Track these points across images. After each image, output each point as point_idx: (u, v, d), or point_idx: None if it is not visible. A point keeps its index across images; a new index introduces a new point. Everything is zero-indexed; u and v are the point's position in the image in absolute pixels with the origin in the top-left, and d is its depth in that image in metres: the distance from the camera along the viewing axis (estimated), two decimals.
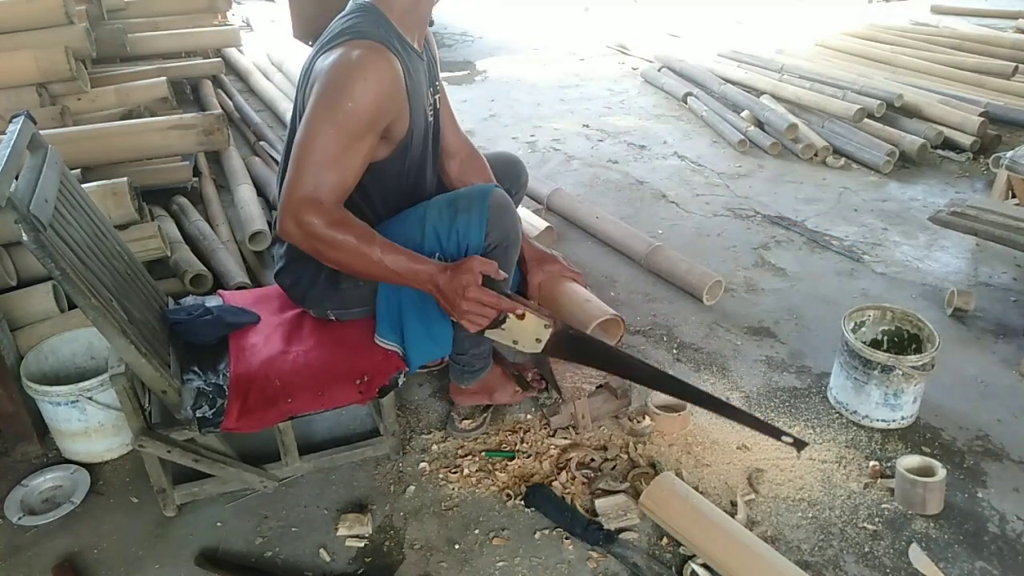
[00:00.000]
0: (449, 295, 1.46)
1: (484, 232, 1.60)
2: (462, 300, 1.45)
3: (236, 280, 2.45)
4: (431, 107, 1.70)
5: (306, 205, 1.42)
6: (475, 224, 1.59)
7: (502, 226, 1.62)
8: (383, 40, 1.49)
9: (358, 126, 1.43)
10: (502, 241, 1.64)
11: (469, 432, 1.97)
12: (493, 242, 1.63)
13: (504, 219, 1.63)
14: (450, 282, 1.45)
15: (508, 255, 1.67)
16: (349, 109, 1.41)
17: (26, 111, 1.56)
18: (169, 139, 2.82)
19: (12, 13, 3.26)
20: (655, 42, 5.80)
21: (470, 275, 1.45)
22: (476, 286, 1.45)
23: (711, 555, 1.56)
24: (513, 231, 1.67)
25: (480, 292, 1.45)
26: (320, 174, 1.42)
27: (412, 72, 1.55)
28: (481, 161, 1.92)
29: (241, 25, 6.22)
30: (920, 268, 2.79)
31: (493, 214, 1.60)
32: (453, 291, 1.45)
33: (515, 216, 1.68)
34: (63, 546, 1.70)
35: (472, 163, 1.91)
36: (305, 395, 1.66)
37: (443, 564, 1.64)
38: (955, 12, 6.60)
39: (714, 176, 3.66)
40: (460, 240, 1.60)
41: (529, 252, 1.88)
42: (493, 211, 1.61)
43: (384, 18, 1.54)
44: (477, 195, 1.63)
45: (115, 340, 1.46)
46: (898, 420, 1.98)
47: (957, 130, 3.77)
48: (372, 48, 1.45)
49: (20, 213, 1.30)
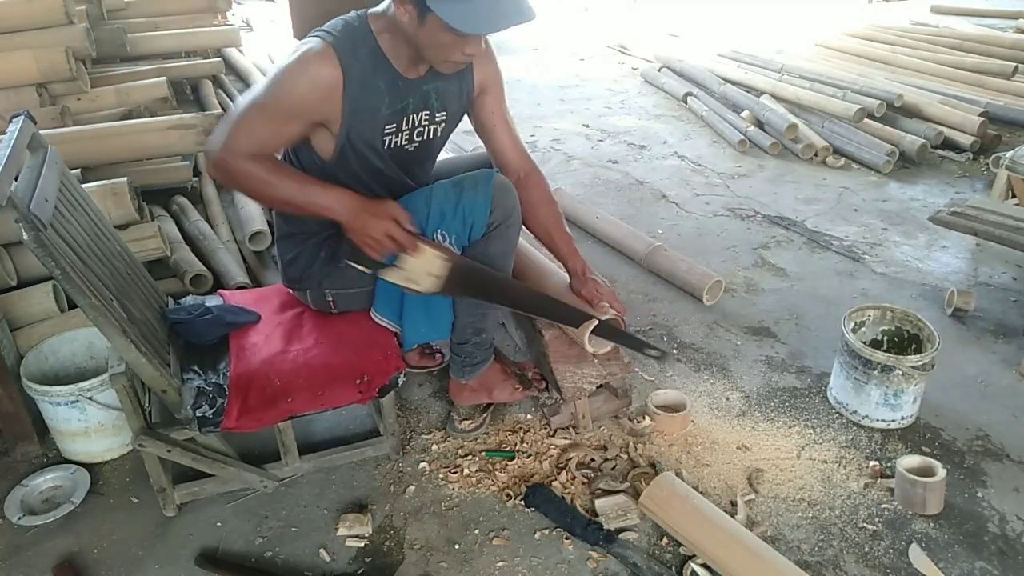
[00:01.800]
0: (360, 222, 1.56)
1: (489, 211, 1.68)
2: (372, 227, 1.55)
3: (236, 280, 2.45)
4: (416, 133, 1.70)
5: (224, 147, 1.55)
6: (480, 203, 1.67)
7: (505, 205, 1.70)
8: (340, 46, 1.54)
9: (277, 109, 1.55)
10: (504, 220, 1.71)
11: (469, 432, 1.97)
12: (496, 220, 1.70)
13: (507, 199, 1.71)
14: (365, 210, 1.56)
15: (509, 234, 1.74)
16: (274, 92, 1.54)
17: (26, 111, 1.56)
18: (169, 139, 2.82)
19: (12, 13, 3.25)
20: (655, 42, 5.81)
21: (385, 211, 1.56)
22: (389, 220, 1.55)
23: (711, 555, 1.56)
24: (515, 211, 1.73)
25: (391, 226, 1.55)
26: (241, 134, 1.54)
27: (364, 75, 1.57)
28: (540, 178, 1.91)
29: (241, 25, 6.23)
30: (920, 268, 2.79)
31: (498, 193, 1.68)
32: (366, 219, 1.55)
33: (516, 197, 1.74)
34: (63, 546, 1.70)
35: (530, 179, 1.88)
36: (305, 395, 1.66)
37: (443, 564, 1.64)
38: (955, 12, 6.61)
39: (714, 176, 3.66)
40: (465, 218, 1.67)
41: (580, 267, 1.88)
42: (498, 190, 1.68)
43: (367, 32, 1.58)
44: (482, 177, 1.70)
45: (115, 339, 1.46)
46: (898, 420, 1.98)
47: (957, 130, 3.77)
48: (320, 49, 1.54)
49: (20, 212, 1.30)
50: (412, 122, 1.68)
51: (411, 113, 1.67)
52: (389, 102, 1.62)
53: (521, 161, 1.88)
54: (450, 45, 1.50)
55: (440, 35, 1.48)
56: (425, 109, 1.69)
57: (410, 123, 1.68)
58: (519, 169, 1.87)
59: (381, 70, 1.59)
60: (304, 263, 1.79)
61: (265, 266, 2.77)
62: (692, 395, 2.13)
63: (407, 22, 1.50)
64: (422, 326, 1.81)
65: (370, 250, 1.57)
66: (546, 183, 1.92)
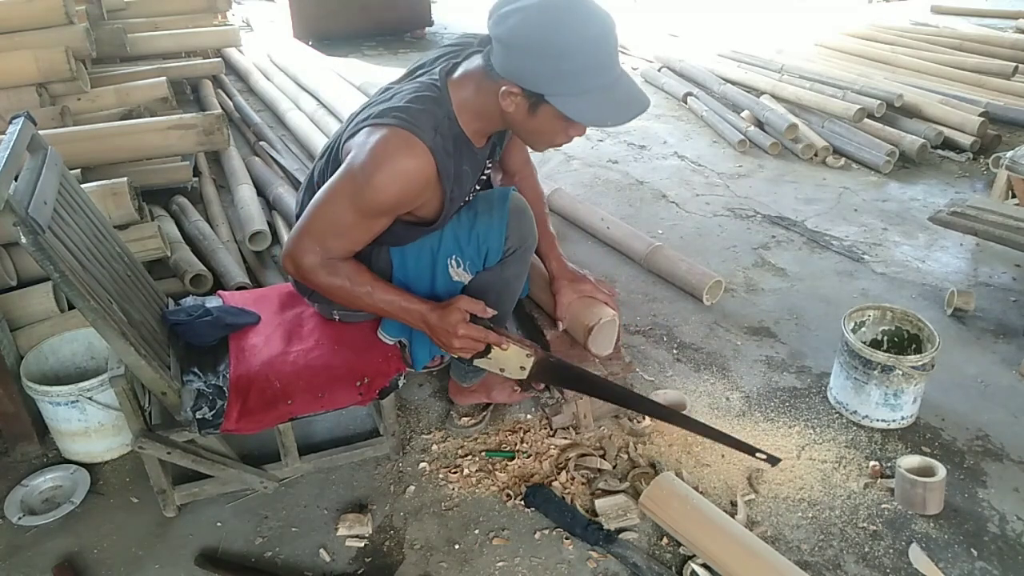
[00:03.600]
0: (440, 333, 1.54)
1: (504, 236, 1.62)
2: (453, 338, 1.52)
3: (236, 280, 2.45)
4: (473, 191, 1.66)
5: (307, 255, 1.48)
6: (495, 228, 1.61)
7: (521, 230, 1.65)
8: (429, 139, 1.42)
9: (372, 210, 1.46)
10: (520, 244, 1.66)
11: (468, 429, 1.97)
12: (512, 246, 1.65)
13: (523, 223, 1.65)
14: (440, 321, 1.52)
15: (525, 257, 1.71)
16: (368, 195, 1.43)
17: (26, 112, 1.56)
18: (169, 139, 2.82)
19: (12, 13, 3.25)
20: (655, 42, 5.80)
21: (458, 314, 1.52)
22: (464, 323, 1.52)
23: (711, 555, 1.56)
24: (531, 234, 1.69)
25: (468, 328, 1.52)
26: (326, 238, 1.48)
27: (454, 165, 1.49)
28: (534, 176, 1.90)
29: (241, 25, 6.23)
30: (920, 268, 2.79)
31: (513, 218, 1.62)
32: (443, 329, 1.52)
33: (532, 219, 1.69)
34: (63, 546, 1.70)
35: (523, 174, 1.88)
36: (305, 397, 1.66)
37: (443, 564, 1.64)
38: (955, 12, 6.61)
39: (714, 176, 3.66)
40: (480, 245, 1.62)
41: (560, 271, 1.87)
42: (513, 215, 1.62)
43: (449, 115, 1.47)
44: (497, 198, 1.64)
45: (115, 342, 1.46)
46: (898, 420, 1.98)
47: (957, 130, 3.77)
48: (406, 141, 1.42)
49: (19, 216, 1.30)
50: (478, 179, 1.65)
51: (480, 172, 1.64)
52: (472, 176, 1.58)
53: (524, 162, 1.87)
54: (560, 131, 1.46)
55: (553, 123, 1.42)
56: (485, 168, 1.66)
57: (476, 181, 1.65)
58: (514, 163, 1.85)
59: (466, 155, 1.52)
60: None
61: (265, 266, 2.77)
62: (692, 395, 2.13)
63: (512, 112, 1.41)
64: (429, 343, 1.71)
65: (456, 352, 1.56)
66: (536, 179, 1.90)
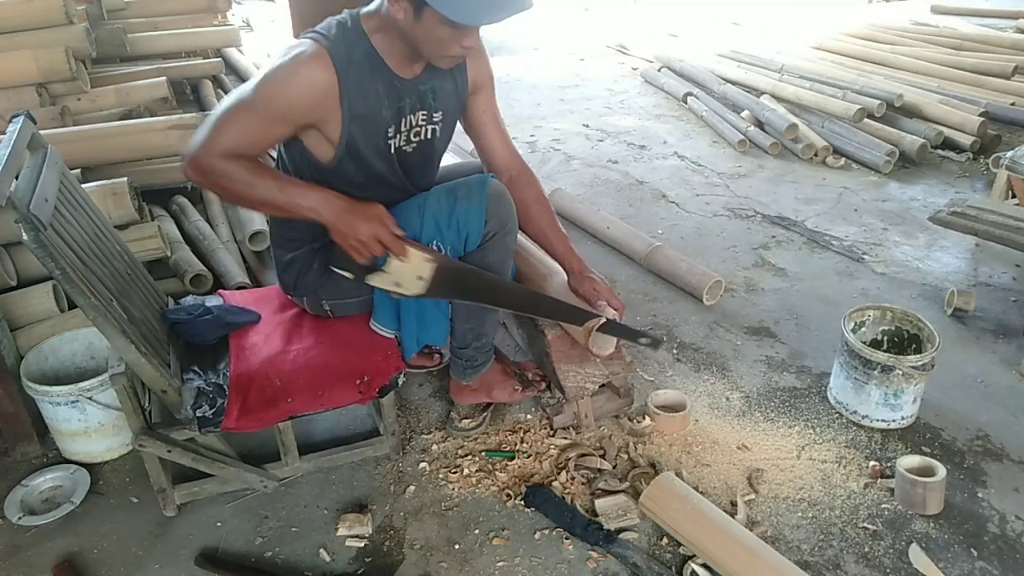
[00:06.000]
0: (345, 223, 1.53)
1: (484, 220, 1.64)
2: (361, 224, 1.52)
3: (236, 280, 2.45)
4: (413, 134, 1.68)
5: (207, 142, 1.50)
6: (475, 212, 1.63)
7: (500, 214, 1.67)
8: (334, 48, 1.51)
9: (266, 110, 1.50)
10: (500, 229, 1.68)
11: (469, 431, 1.97)
12: (492, 230, 1.66)
13: (502, 206, 1.67)
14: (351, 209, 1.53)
15: (506, 242, 1.71)
16: (264, 92, 1.50)
17: (26, 111, 1.56)
18: (169, 139, 2.82)
19: (12, 13, 3.26)
20: (655, 42, 5.81)
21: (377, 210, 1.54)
22: (379, 220, 1.54)
23: (711, 555, 1.56)
24: (511, 218, 1.70)
25: (378, 228, 1.53)
26: (224, 133, 1.50)
27: (358, 75, 1.54)
28: (531, 177, 1.89)
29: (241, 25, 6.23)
30: (920, 268, 2.79)
31: (492, 202, 1.65)
32: (352, 219, 1.53)
33: (512, 204, 1.70)
34: (63, 546, 1.70)
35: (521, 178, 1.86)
36: (305, 395, 1.66)
37: (443, 564, 1.64)
38: (955, 12, 6.60)
39: (714, 176, 3.66)
40: (460, 228, 1.63)
41: (577, 265, 1.88)
42: (492, 199, 1.65)
43: (360, 33, 1.55)
44: (476, 184, 1.66)
45: (115, 340, 1.46)
46: (898, 420, 1.98)
47: (957, 130, 3.77)
48: (313, 52, 1.51)
49: (20, 212, 1.30)
50: (409, 123, 1.66)
51: (408, 114, 1.65)
52: (388, 104, 1.60)
53: (512, 160, 1.86)
54: (448, 39, 1.48)
55: (438, 29, 1.45)
56: (422, 109, 1.67)
57: (408, 124, 1.66)
58: (510, 168, 1.85)
59: (377, 72, 1.57)
60: (298, 270, 1.78)
61: (265, 266, 2.77)
62: (692, 395, 2.13)
63: (402, 19, 1.47)
64: (417, 333, 1.78)
65: (356, 253, 1.55)
66: (537, 181, 1.89)
